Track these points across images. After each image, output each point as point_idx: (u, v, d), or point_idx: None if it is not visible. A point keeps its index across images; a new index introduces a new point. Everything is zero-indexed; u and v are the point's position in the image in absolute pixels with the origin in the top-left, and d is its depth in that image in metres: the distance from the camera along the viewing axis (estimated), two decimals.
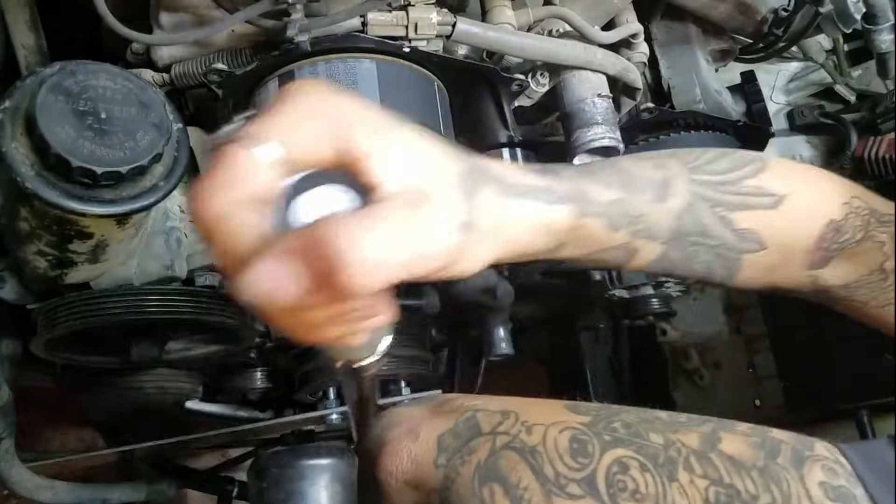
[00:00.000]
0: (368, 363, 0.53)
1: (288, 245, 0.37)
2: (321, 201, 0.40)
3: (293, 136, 0.39)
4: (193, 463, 2.16)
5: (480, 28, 1.02)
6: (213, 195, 0.38)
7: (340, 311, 0.39)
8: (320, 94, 0.41)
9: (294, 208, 0.39)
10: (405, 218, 0.40)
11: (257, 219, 0.38)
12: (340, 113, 0.41)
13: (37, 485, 1.37)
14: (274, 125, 0.39)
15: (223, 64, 1.01)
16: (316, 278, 0.37)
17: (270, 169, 0.38)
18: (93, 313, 1.09)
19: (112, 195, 0.87)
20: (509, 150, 1.20)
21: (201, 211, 0.38)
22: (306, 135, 0.39)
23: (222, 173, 0.38)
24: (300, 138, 0.39)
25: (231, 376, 1.87)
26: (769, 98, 1.54)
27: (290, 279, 0.37)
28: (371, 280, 0.38)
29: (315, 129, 0.39)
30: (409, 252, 0.40)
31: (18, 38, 1.07)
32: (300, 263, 0.37)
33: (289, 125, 0.39)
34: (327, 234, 0.36)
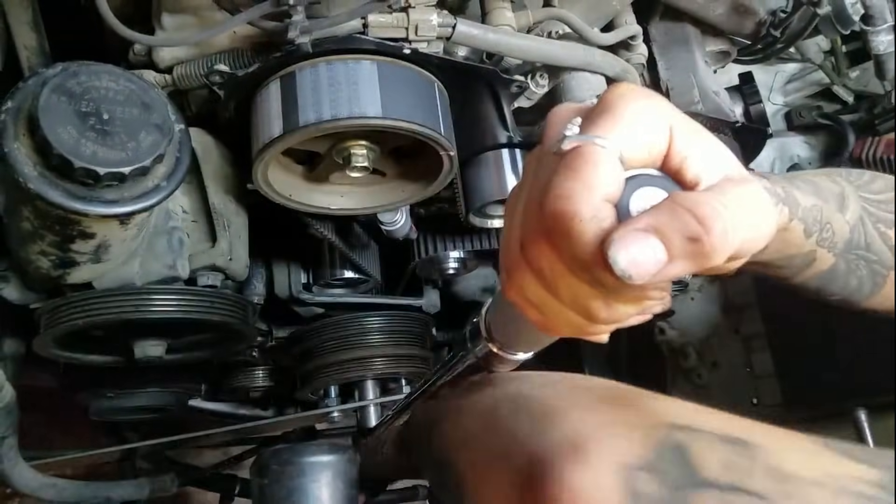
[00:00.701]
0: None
1: (652, 220, 0.39)
2: (650, 197, 0.43)
3: (632, 138, 0.42)
4: (196, 460, 2.17)
5: (480, 30, 1.03)
6: (583, 196, 0.40)
7: (650, 293, 0.42)
8: (648, 100, 0.43)
9: (630, 203, 0.42)
10: (746, 197, 0.42)
11: (611, 215, 0.41)
12: (664, 117, 0.43)
13: (40, 483, 1.37)
14: (616, 127, 0.41)
15: (225, 65, 1.02)
16: (677, 248, 0.39)
17: (619, 168, 0.41)
18: (95, 313, 1.10)
19: (114, 195, 0.88)
20: (509, 152, 1.21)
21: (569, 211, 0.40)
22: (642, 137, 0.42)
23: (588, 174, 0.40)
24: (637, 140, 0.42)
25: (233, 375, 1.88)
26: (767, 99, 1.54)
27: (655, 251, 0.39)
28: (729, 247, 0.40)
29: (648, 131, 0.42)
30: (753, 226, 0.42)
31: (20, 39, 1.07)
32: (665, 235, 0.38)
33: (627, 127, 0.42)
34: (695, 204, 0.39)
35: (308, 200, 1.14)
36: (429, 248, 1.50)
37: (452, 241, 1.50)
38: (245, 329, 1.26)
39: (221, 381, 1.89)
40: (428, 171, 1.13)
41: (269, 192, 1.08)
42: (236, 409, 2.01)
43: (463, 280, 1.69)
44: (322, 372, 1.64)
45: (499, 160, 1.21)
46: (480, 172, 1.21)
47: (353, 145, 1.04)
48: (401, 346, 1.65)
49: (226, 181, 1.18)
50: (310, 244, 1.55)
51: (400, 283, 1.66)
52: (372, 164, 1.07)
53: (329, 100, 0.95)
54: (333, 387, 1.71)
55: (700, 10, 1.31)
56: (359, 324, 1.62)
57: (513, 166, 1.20)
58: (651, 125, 0.43)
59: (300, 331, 1.67)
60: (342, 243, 1.40)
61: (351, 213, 1.19)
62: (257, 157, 1.00)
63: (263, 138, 0.98)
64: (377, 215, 1.24)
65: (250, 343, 1.41)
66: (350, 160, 1.04)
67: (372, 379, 1.69)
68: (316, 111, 0.95)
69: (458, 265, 1.55)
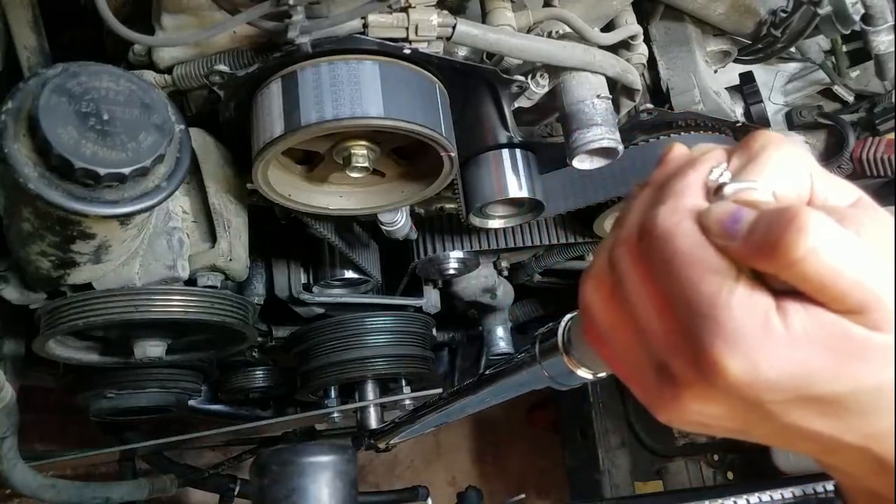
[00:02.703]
0: None
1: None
2: None
3: (781, 184, 0.44)
4: (195, 461, 2.17)
5: (481, 30, 1.03)
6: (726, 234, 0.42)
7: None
8: (791, 146, 0.45)
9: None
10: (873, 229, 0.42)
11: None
12: (805, 164, 0.45)
13: (39, 483, 1.37)
14: (765, 173, 0.44)
15: (225, 65, 1.02)
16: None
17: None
18: (95, 313, 1.10)
19: (114, 196, 0.87)
20: (509, 151, 1.21)
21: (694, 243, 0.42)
22: (790, 182, 0.44)
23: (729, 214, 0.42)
24: (786, 186, 0.44)
25: (233, 375, 1.89)
26: (768, 98, 1.54)
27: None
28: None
29: (794, 177, 0.44)
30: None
31: (20, 39, 1.07)
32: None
33: (776, 174, 0.44)
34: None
35: (307, 200, 1.14)
36: (429, 248, 1.50)
37: (452, 241, 1.50)
38: (245, 329, 1.26)
39: (221, 382, 1.90)
40: (428, 172, 1.13)
41: (268, 192, 1.08)
42: (236, 410, 2.01)
43: (463, 280, 1.69)
44: (322, 372, 1.64)
45: (499, 160, 1.21)
46: (480, 172, 1.21)
47: (354, 145, 1.04)
48: (401, 346, 1.65)
49: (226, 181, 1.18)
50: (310, 244, 1.55)
51: (400, 283, 1.66)
52: (372, 164, 1.07)
53: (331, 99, 0.95)
54: (333, 387, 1.71)
55: (700, 9, 1.31)
56: (359, 324, 1.62)
57: (513, 166, 1.20)
58: (796, 172, 0.44)
59: (300, 331, 1.67)
60: (342, 243, 1.40)
61: (350, 213, 1.19)
62: (258, 157, 1.00)
63: (264, 138, 0.98)
64: (377, 215, 1.23)
65: (250, 343, 1.40)
66: (350, 160, 1.04)
67: (372, 379, 1.70)
68: (318, 111, 0.95)
69: (458, 265, 1.55)
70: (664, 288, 0.42)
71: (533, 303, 2.02)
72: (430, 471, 3.04)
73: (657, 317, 0.43)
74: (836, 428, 0.41)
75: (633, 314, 0.45)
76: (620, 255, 0.46)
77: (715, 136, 1.30)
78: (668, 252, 0.42)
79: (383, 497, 2.08)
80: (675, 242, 0.42)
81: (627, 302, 0.45)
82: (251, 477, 1.37)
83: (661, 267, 0.43)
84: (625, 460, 2.30)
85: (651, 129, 1.29)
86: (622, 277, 0.46)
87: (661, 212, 0.43)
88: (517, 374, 0.83)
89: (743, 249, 0.40)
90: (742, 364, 0.39)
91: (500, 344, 1.89)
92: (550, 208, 1.29)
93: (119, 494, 1.53)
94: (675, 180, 0.45)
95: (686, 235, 0.42)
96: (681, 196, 0.44)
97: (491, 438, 3.11)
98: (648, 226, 0.44)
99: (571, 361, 0.70)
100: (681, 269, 0.41)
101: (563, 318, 0.71)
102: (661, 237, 0.43)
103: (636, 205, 0.47)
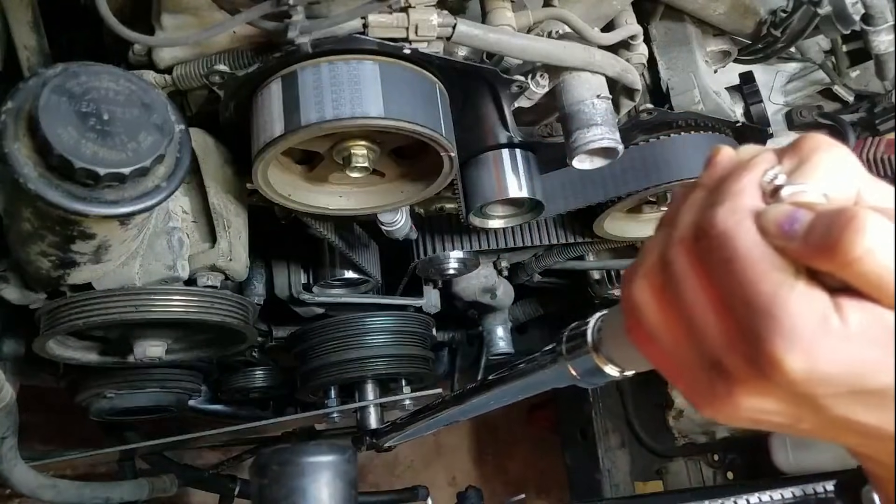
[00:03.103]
0: None
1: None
2: None
3: (833, 186, 0.45)
4: (195, 461, 2.17)
5: (481, 30, 1.03)
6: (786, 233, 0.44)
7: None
8: (840, 150, 0.47)
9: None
10: None
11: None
12: (853, 167, 0.47)
13: (39, 483, 1.37)
14: (816, 176, 0.46)
15: (225, 65, 1.02)
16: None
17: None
18: (95, 313, 1.10)
19: (115, 196, 0.87)
20: (509, 151, 1.21)
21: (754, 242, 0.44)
22: (840, 185, 0.46)
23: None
24: (837, 188, 0.46)
25: (233, 375, 1.89)
26: (768, 98, 1.54)
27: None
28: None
29: (844, 179, 0.46)
30: None
31: (20, 39, 1.07)
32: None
33: (828, 176, 0.46)
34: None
35: (307, 200, 1.14)
36: (429, 248, 1.50)
37: (452, 241, 1.50)
38: (245, 329, 1.26)
39: (221, 382, 1.90)
40: (427, 172, 1.13)
41: (268, 192, 1.08)
42: (236, 410, 2.01)
43: (463, 280, 1.69)
44: (322, 372, 1.64)
45: (499, 160, 1.21)
46: (480, 172, 1.21)
47: (354, 145, 1.04)
48: (401, 346, 1.65)
49: (226, 181, 1.18)
50: (310, 244, 1.55)
51: (400, 283, 1.66)
52: (372, 164, 1.07)
53: (331, 99, 0.95)
54: (333, 387, 1.71)
55: (701, 9, 1.31)
56: (359, 324, 1.62)
57: (513, 166, 1.20)
58: (845, 174, 0.46)
59: (300, 331, 1.67)
60: (342, 243, 1.40)
61: (350, 213, 1.19)
62: (258, 157, 1.00)
63: (264, 138, 0.98)
64: (377, 215, 1.23)
65: (250, 343, 1.40)
66: (350, 160, 1.04)
67: (372, 379, 1.70)
68: (318, 111, 0.95)
69: (458, 265, 1.55)
70: (722, 286, 0.44)
71: (533, 303, 2.02)
72: (430, 471, 3.04)
73: (713, 314, 0.45)
74: (882, 419, 0.43)
75: (687, 312, 0.46)
76: (675, 255, 0.47)
77: (715, 137, 1.30)
78: (727, 251, 0.44)
79: (383, 497, 2.08)
80: (734, 242, 0.44)
81: (681, 300, 0.47)
82: (251, 477, 1.37)
83: (719, 266, 0.44)
84: (625, 460, 2.30)
85: (651, 129, 1.29)
86: (677, 276, 0.47)
87: (719, 212, 0.45)
88: (539, 372, 0.85)
89: (802, 250, 0.42)
90: (801, 360, 0.41)
91: (500, 344, 1.89)
92: (550, 208, 1.29)
93: (119, 494, 1.53)
94: (731, 182, 0.47)
95: (745, 235, 0.44)
96: (738, 197, 0.45)
97: (491, 438, 3.12)
98: (706, 226, 0.45)
99: (600, 359, 0.72)
100: (740, 269, 0.43)
101: (591, 316, 0.74)
102: (721, 237, 0.44)
103: (688, 205, 0.49)
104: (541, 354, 0.82)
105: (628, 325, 0.53)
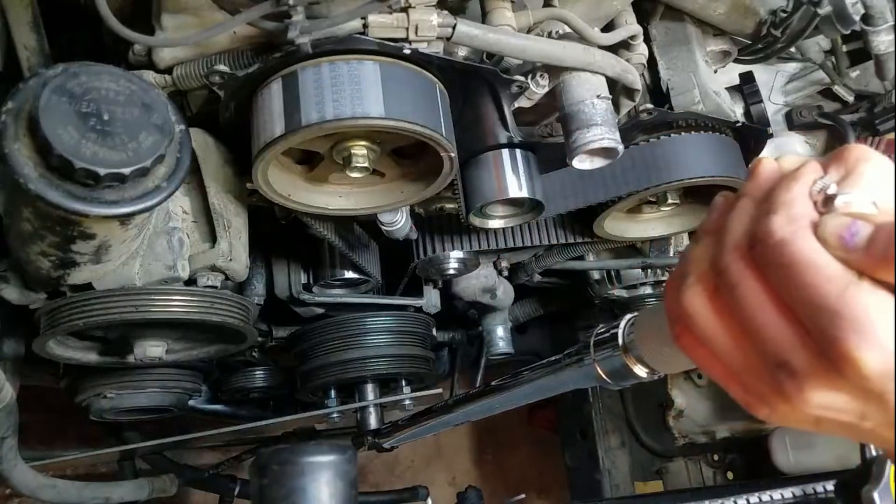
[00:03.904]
0: None
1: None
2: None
3: (878, 193, 0.48)
4: (195, 461, 2.17)
5: (481, 30, 1.03)
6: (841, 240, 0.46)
7: None
8: (882, 159, 0.50)
9: None
10: None
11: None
12: (893, 175, 0.49)
13: (39, 483, 1.37)
14: (862, 184, 0.48)
15: (225, 65, 1.02)
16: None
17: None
18: (95, 314, 1.10)
19: (115, 196, 0.87)
20: (509, 151, 1.21)
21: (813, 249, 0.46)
22: (886, 193, 0.48)
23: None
24: (883, 195, 0.48)
25: (233, 375, 1.89)
26: (768, 98, 1.54)
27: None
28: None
29: (889, 189, 0.48)
30: None
31: (20, 39, 1.07)
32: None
33: (874, 185, 0.48)
34: None
35: (307, 200, 1.14)
36: (429, 248, 1.50)
37: (452, 241, 1.50)
38: (245, 329, 1.26)
39: (221, 382, 1.90)
40: (427, 172, 1.13)
41: (268, 192, 1.08)
42: (236, 410, 2.01)
43: (463, 280, 1.69)
44: (322, 372, 1.64)
45: (499, 160, 1.21)
46: (480, 172, 1.21)
47: (354, 145, 1.04)
48: (401, 346, 1.65)
49: (226, 181, 1.18)
50: (310, 244, 1.55)
51: (400, 283, 1.66)
52: (372, 164, 1.07)
53: (332, 99, 0.95)
54: (333, 387, 1.71)
55: (701, 9, 1.31)
56: (359, 324, 1.62)
57: (513, 166, 1.20)
58: (889, 182, 0.49)
59: (300, 331, 1.68)
60: (342, 243, 1.40)
61: (350, 213, 1.19)
62: (258, 157, 1.00)
63: (265, 138, 0.98)
64: (377, 216, 1.24)
65: (250, 343, 1.40)
66: (350, 160, 1.04)
67: (372, 379, 1.70)
68: (319, 111, 0.95)
69: (458, 265, 1.55)
70: (785, 290, 0.46)
71: (533, 303, 2.02)
72: (430, 471, 3.04)
73: (776, 316, 0.47)
74: None
75: (747, 315, 0.48)
76: (730, 262, 0.49)
77: (715, 137, 1.30)
78: (787, 258, 0.46)
79: (383, 497, 2.08)
80: (794, 249, 0.46)
81: (740, 305, 0.49)
82: (251, 477, 1.37)
83: (780, 271, 0.47)
84: (625, 460, 2.30)
85: (651, 129, 1.30)
86: (734, 282, 0.49)
87: (775, 221, 0.48)
88: (563, 373, 0.88)
89: (865, 261, 0.45)
90: (877, 355, 0.43)
91: (500, 344, 1.90)
92: (550, 208, 1.29)
93: (119, 494, 1.53)
94: (782, 192, 0.49)
95: (805, 243, 0.46)
96: (792, 206, 0.48)
97: (491, 438, 3.12)
98: (763, 235, 0.48)
99: (631, 360, 0.75)
100: (803, 274, 0.45)
101: (620, 319, 0.77)
102: (780, 245, 0.47)
103: (737, 215, 0.51)
104: (564, 355, 0.86)
105: (676, 332, 0.55)
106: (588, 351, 0.80)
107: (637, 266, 1.67)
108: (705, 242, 0.53)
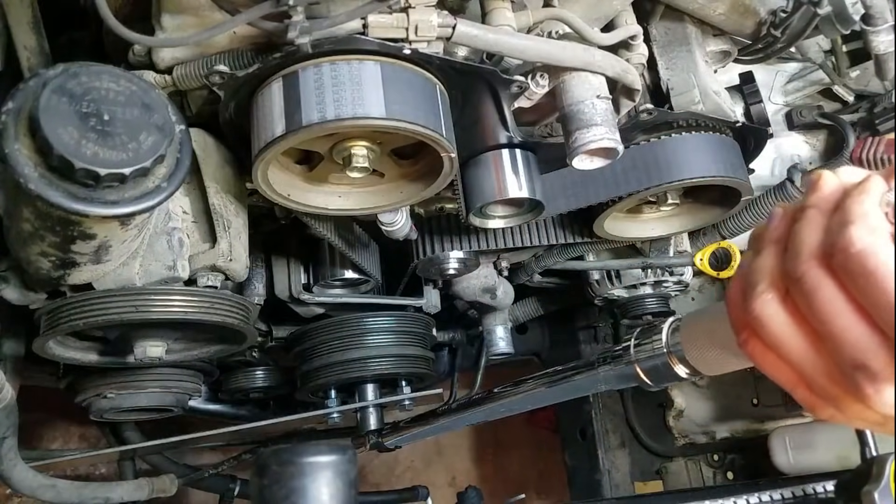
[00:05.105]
0: None
1: None
2: None
3: None
4: (195, 461, 2.17)
5: (480, 30, 1.03)
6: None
7: None
8: None
9: None
10: None
11: None
12: None
13: (39, 483, 1.37)
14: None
15: (225, 65, 1.02)
16: None
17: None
18: (95, 314, 1.10)
19: (115, 196, 0.87)
20: (509, 151, 1.21)
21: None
22: None
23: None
24: None
25: (233, 375, 1.89)
26: (768, 98, 1.54)
27: None
28: None
29: None
30: None
31: (21, 40, 1.07)
32: None
33: None
34: None
35: (307, 200, 1.14)
36: (429, 248, 1.50)
37: (452, 241, 1.50)
38: (245, 329, 1.26)
39: (221, 382, 1.90)
40: (427, 172, 1.13)
41: (268, 192, 1.08)
42: (236, 410, 2.01)
43: (463, 280, 1.69)
44: (322, 372, 1.64)
45: (499, 160, 1.21)
46: (480, 172, 1.21)
47: (354, 145, 1.04)
48: (401, 346, 1.65)
49: (226, 181, 1.18)
50: (310, 244, 1.55)
51: (400, 283, 1.67)
52: (372, 164, 1.07)
53: (332, 99, 0.95)
54: (333, 387, 1.71)
55: (700, 10, 1.31)
56: (359, 324, 1.62)
57: (513, 166, 1.20)
58: None
59: (300, 331, 1.68)
60: (342, 243, 1.40)
61: (350, 213, 1.19)
62: (258, 157, 1.00)
63: (265, 138, 0.98)
64: (377, 216, 1.24)
65: (250, 343, 1.40)
66: (350, 160, 1.04)
67: (372, 379, 1.70)
68: (319, 111, 0.95)
69: (458, 265, 1.55)
70: (866, 296, 0.49)
71: (533, 303, 2.02)
72: (430, 471, 3.04)
73: (855, 321, 0.50)
74: None
75: (823, 321, 0.51)
76: (807, 270, 0.52)
77: (715, 137, 1.30)
78: (869, 266, 0.49)
79: (383, 497, 2.08)
80: (876, 258, 0.49)
81: (817, 311, 0.51)
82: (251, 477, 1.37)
83: (861, 280, 0.49)
84: (625, 460, 2.30)
85: (651, 128, 1.30)
86: (812, 289, 0.51)
87: (854, 231, 0.50)
88: (597, 372, 0.91)
89: None
90: None
91: (500, 344, 1.90)
92: (550, 208, 1.29)
93: (119, 494, 1.53)
94: (854, 203, 0.52)
95: (885, 251, 0.49)
96: (868, 218, 0.51)
97: (491, 438, 3.12)
98: (843, 244, 0.50)
99: (674, 360, 0.79)
100: (885, 280, 0.48)
101: (664, 321, 0.81)
102: (861, 254, 0.49)
103: (807, 225, 0.54)
104: (599, 356, 0.90)
105: (743, 338, 0.57)
106: (628, 352, 0.84)
107: (637, 266, 1.67)
108: (770, 252, 0.56)
